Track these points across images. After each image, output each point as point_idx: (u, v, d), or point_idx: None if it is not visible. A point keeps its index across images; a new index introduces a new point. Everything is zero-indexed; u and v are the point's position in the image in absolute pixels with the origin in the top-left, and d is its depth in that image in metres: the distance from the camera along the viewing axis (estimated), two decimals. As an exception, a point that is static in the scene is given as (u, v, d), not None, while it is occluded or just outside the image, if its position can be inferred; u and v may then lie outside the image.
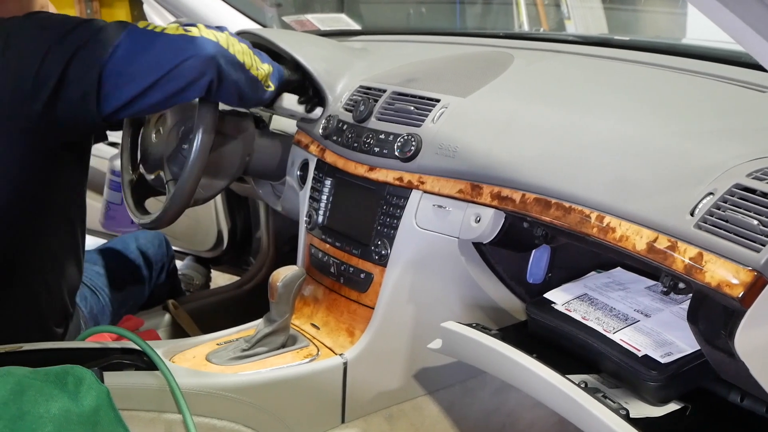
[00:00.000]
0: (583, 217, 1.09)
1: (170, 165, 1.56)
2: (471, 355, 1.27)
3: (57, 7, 1.54)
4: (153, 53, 1.30)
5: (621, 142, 1.12)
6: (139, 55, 1.30)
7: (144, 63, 1.30)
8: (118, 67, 1.29)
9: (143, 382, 1.21)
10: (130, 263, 1.96)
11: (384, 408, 1.45)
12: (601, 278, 1.33)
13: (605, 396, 1.07)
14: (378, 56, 1.73)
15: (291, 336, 1.43)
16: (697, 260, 0.94)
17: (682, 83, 1.31)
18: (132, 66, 1.29)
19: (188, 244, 2.52)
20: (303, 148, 1.63)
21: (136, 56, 1.29)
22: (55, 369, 1.07)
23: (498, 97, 1.34)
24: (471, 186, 1.26)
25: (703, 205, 0.96)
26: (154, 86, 1.30)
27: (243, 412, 1.29)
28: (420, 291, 1.37)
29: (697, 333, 1.01)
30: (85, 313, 1.69)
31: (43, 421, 1.00)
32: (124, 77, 1.29)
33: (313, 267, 1.55)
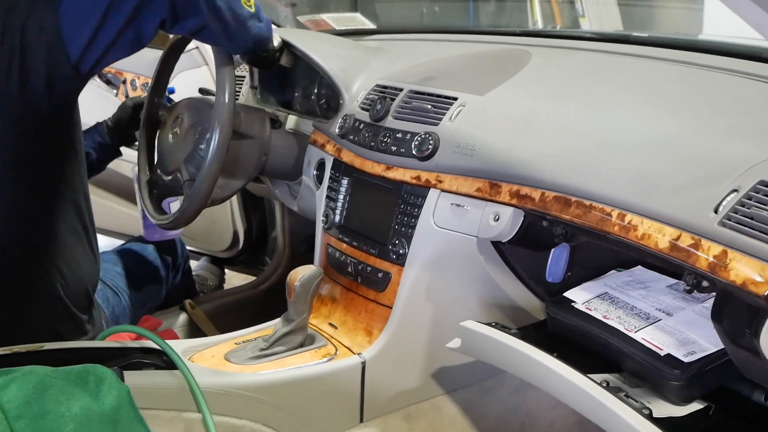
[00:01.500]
0: (604, 216, 1.08)
1: (187, 165, 1.56)
2: (491, 354, 1.27)
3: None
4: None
5: (643, 139, 1.11)
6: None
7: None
8: (71, 7, 1.25)
9: (163, 382, 1.22)
10: (149, 264, 1.97)
11: (402, 407, 1.45)
12: (622, 277, 1.32)
13: (627, 395, 1.06)
14: (394, 55, 1.72)
15: (309, 335, 1.43)
16: (721, 258, 0.93)
17: (703, 80, 1.29)
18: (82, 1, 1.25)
19: (204, 244, 2.53)
20: (319, 147, 1.63)
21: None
22: (76, 368, 1.08)
23: (516, 94, 1.33)
24: (489, 184, 1.25)
25: (728, 202, 0.95)
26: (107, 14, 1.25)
27: (262, 412, 1.29)
28: (438, 290, 1.37)
29: (721, 332, 1.00)
30: (107, 314, 1.70)
31: (65, 419, 1.00)
32: (77, 16, 1.25)
33: (330, 266, 1.55)
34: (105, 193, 2.55)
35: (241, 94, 1.93)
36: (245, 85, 1.93)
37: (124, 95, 2.41)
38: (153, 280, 1.97)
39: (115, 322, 1.73)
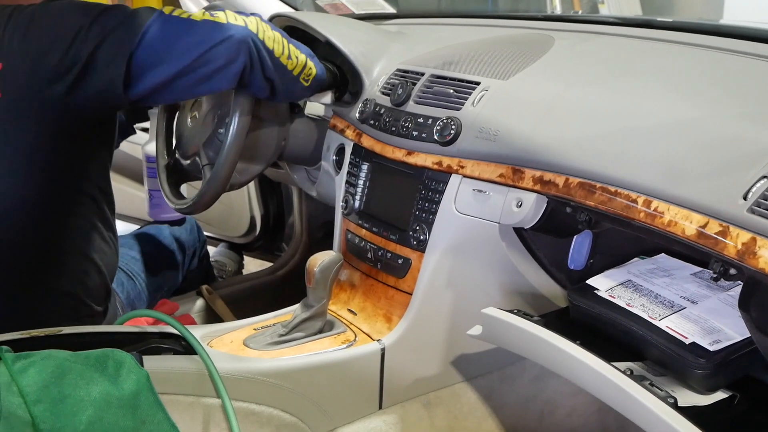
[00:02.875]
0: (629, 202, 1.07)
1: (206, 149, 1.56)
2: (512, 341, 1.26)
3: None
4: (182, 39, 1.29)
5: (670, 125, 1.09)
6: (168, 40, 1.29)
7: (172, 49, 1.29)
8: (147, 52, 1.28)
9: (182, 367, 1.21)
10: (165, 248, 1.97)
11: (421, 394, 1.44)
12: (645, 264, 1.31)
13: (652, 384, 1.05)
14: (414, 39, 1.70)
15: (328, 321, 1.42)
16: (749, 245, 0.91)
17: (730, 64, 1.27)
18: (160, 52, 1.29)
19: (221, 230, 2.53)
20: (339, 132, 1.62)
21: (165, 42, 1.28)
22: (95, 352, 1.08)
23: (540, 79, 1.31)
24: (512, 170, 1.24)
25: (757, 188, 0.93)
26: (182, 73, 1.30)
27: (281, 398, 1.29)
28: (459, 277, 1.36)
29: (748, 320, 0.99)
30: (122, 298, 1.70)
31: (84, 404, 1.00)
32: (152, 63, 1.29)
33: (349, 252, 1.54)
34: (121, 178, 2.55)
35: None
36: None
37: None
38: (169, 265, 1.97)
39: (130, 307, 1.74)
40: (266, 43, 1.35)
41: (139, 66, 1.28)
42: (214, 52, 1.29)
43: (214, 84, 1.34)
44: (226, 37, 1.29)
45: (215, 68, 1.31)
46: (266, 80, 1.38)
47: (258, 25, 1.35)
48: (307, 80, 1.47)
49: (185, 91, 1.35)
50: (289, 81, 1.43)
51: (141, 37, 1.27)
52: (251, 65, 1.34)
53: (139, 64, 1.28)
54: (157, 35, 1.28)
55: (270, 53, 1.36)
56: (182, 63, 1.29)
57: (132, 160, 2.30)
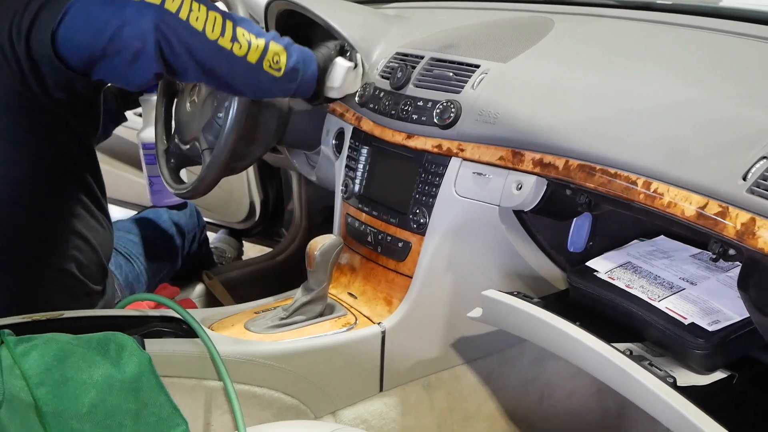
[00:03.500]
0: (629, 184, 1.07)
1: (205, 134, 1.55)
2: (513, 323, 1.26)
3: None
4: (96, 20, 1.23)
5: (669, 106, 1.09)
6: (84, 20, 1.24)
7: (87, 30, 1.24)
8: (67, 31, 1.24)
9: (184, 350, 1.22)
10: (163, 232, 1.97)
11: (422, 377, 1.45)
12: (645, 246, 1.31)
13: (651, 364, 1.05)
14: (414, 23, 1.70)
15: (329, 305, 1.42)
16: (749, 226, 0.92)
17: (730, 46, 1.27)
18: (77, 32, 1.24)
19: (221, 215, 2.53)
20: (338, 116, 1.61)
21: (81, 22, 1.24)
22: (97, 336, 1.08)
23: (540, 62, 1.31)
24: (512, 153, 1.24)
25: (756, 169, 0.93)
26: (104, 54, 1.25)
27: (282, 380, 1.30)
28: (459, 260, 1.36)
29: (747, 300, 0.99)
30: (120, 280, 1.70)
31: (86, 387, 1.01)
32: (74, 42, 1.25)
33: (349, 236, 1.55)
34: (120, 164, 2.55)
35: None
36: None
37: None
38: (167, 248, 1.97)
39: (129, 289, 1.74)
40: (190, 22, 1.24)
41: (64, 44, 1.25)
42: (122, 35, 1.22)
43: (145, 66, 1.25)
44: (128, 20, 1.22)
45: (134, 50, 1.23)
46: (198, 65, 1.27)
47: (183, 3, 1.24)
48: (278, 69, 1.34)
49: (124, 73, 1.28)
50: (244, 69, 1.31)
51: (62, 15, 1.23)
52: (170, 47, 1.24)
53: (63, 42, 1.25)
54: (77, 12, 1.23)
55: (196, 34, 1.25)
56: (97, 45, 1.24)
57: (129, 145, 2.30)
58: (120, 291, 1.69)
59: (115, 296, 1.65)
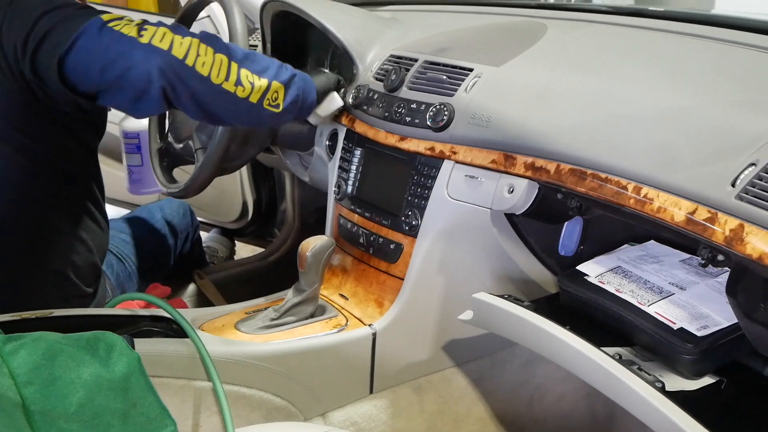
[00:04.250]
0: (619, 188, 1.08)
1: (199, 133, 1.56)
2: (503, 326, 1.26)
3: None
4: (104, 56, 1.24)
5: (659, 112, 1.09)
6: (93, 54, 1.25)
7: (95, 64, 1.24)
8: (75, 60, 1.25)
9: (173, 350, 1.22)
10: (156, 231, 1.97)
11: (412, 379, 1.45)
12: (635, 251, 1.32)
13: (640, 368, 1.06)
14: (408, 25, 1.70)
15: (320, 306, 1.42)
16: (737, 232, 0.92)
17: (720, 53, 1.28)
18: (85, 63, 1.25)
19: (213, 215, 2.52)
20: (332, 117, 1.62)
21: (90, 54, 1.25)
22: (86, 335, 1.08)
23: (532, 66, 1.31)
24: (504, 156, 1.24)
25: (745, 176, 0.94)
26: (109, 89, 1.26)
27: (272, 381, 1.30)
28: (450, 262, 1.36)
29: (735, 306, 1.00)
30: (111, 279, 1.70)
31: (75, 386, 1.00)
32: (80, 71, 1.26)
33: (341, 237, 1.55)
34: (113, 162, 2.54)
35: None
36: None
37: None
38: (160, 248, 1.97)
39: (120, 289, 1.74)
40: (196, 68, 1.25)
41: (71, 70, 1.26)
42: (129, 76, 1.24)
43: (148, 105, 1.27)
44: (135, 63, 1.23)
45: (139, 91, 1.25)
46: (200, 107, 1.29)
47: (190, 49, 1.25)
48: (276, 106, 1.35)
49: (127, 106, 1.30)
50: (246, 109, 1.32)
51: (72, 42, 1.24)
52: (174, 92, 1.25)
53: (70, 71, 1.26)
54: (85, 46, 1.24)
55: (201, 80, 1.26)
56: (104, 80, 1.25)
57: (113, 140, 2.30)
58: (111, 291, 1.69)
59: (106, 296, 1.64)
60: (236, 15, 1.48)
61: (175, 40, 1.24)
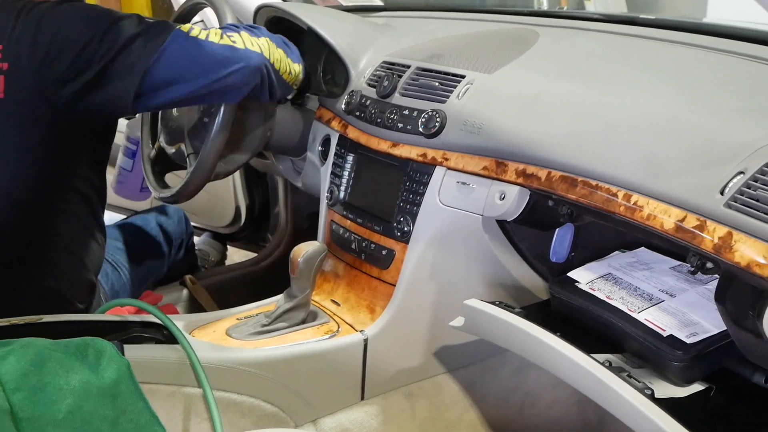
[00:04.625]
0: (610, 196, 1.08)
1: (191, 138, 1.55)
2: (494, 333, 1.27)
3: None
4: (199, 63, 1.30)
5: (650, 120, 1.10)
6: (185, 62, 1.29)
7: (188, 72, 1.30)
8: (163, 71, 1.28)
9: (163, 356, 1.21)
10: (150, 239, 1.96)
11: (404, 385, 1.45)
12: (625, 258, 1.32)
13: (630, 375, 1.06)
14: (401, 32, 1.71)
15: (311, 312, 1.42)
16: (726, 240, 0.92)
17: (710, 62, 1.28)
18: (176, 73, 1.29)
19: (206, 219, 2.52)
20: (325, 123, 1.62)
21: (182, 64, 1.29)
22: (75, 341, 1.07)
23: (524, 73, 1.32)
24: (496, 163, 1.25)
25: (734, 184, 0.94)
26: (196, 93, 1.32)
27: (263, 387, 1.29)
28: (442, 268, 1.37)
29: (724, 313, 1.00)
30: (106, 289, 1.69)
31: (63, 392, 1.00)
32: (167, 82, 1.29)
33: (333, 243, 1.55)
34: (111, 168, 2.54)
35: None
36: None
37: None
38: (154, 255, 1.96)
39: (114, 297, 1.73)
40: (274, 65, 1.41)
41: (153, 83, 1.28)
42: (230, 78, 1.33)
43: (221, 100, 1.40)
44: (243, 66, 1.34)
45: (227, 89, 1.35)
46: (270, 95, 1.44)
47: (269, 48, 1.40)
48: (297, 85, 1.54)
49: (191, 102, 1.40)
50: (284, 89, 1.50)
51: (159, 55, 1.27)
52: (261, 86, 1.40)
53: (153, 82, 1.28)
54: (175, 56, 1.28)
55: (276, 73, 1.42)
56: (197, 85, 1.31)
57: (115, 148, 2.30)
58: (105, 300, 1.68)
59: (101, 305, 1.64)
60: (229, 20, 1.48)
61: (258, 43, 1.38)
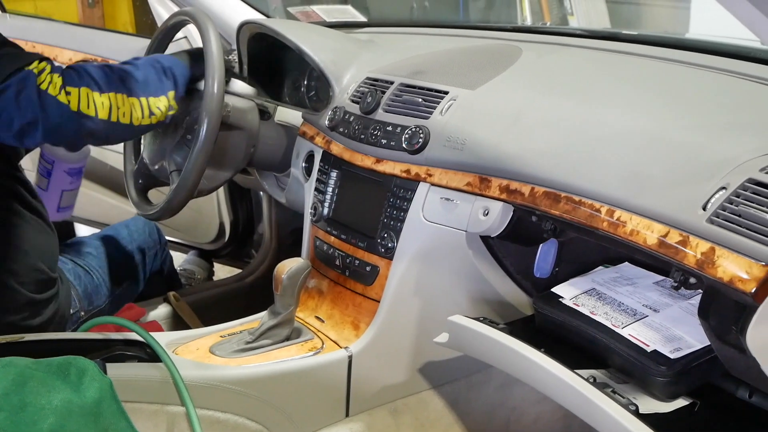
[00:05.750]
0: (593, 211, 1.08)
1: (174, 155, 1.55)
2: (478, 349, 1.26)
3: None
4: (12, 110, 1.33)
5: (632, 136, 1.10)
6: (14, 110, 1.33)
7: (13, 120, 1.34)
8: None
9: (146, 374, 1.21)
10: (122, 248, 1.97)
11: (389, 402, 1.44)
12: (609, 273, 1.32)
13: (614, 391, 1.06)
14: (385, 48, 1.71)
15: (295, 329, 1.42)
16: (709, 255, 0.93)
17: (692, 77, 1.30)
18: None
19: (190, 236, 2.51)
20: (308, 139, 1.62)
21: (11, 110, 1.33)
22: (57, 360, 1.07)
23: (507, 89, 1.33)
24: (479, 179, 1.25)
25: (716, 199, 0.95)
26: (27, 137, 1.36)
27: (246, 405, 1.28)
28: (426, 284, 1.36)
29: (707, 328, 1.00)
30: (79, 291, 1.70)
31: (45, 412, 0.99)
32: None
33: (318, 259, 1.54)
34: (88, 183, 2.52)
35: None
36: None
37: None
38: (128, 264, 1.96)
39: (87, 299, 1.73)
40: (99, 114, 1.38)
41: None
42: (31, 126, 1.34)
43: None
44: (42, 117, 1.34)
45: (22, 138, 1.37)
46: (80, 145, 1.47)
47: (113, 104, 1.39)
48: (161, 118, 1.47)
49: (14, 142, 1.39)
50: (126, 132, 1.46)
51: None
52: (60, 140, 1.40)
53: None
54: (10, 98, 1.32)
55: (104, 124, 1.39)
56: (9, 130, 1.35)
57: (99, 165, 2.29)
58: (78, 301, 1.69)
59: (72, 306, 1.64)
60: (212, 36, 1.48)
61: (100, 101, 1.37)
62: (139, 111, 1.42)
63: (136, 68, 1.45)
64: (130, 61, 1.48)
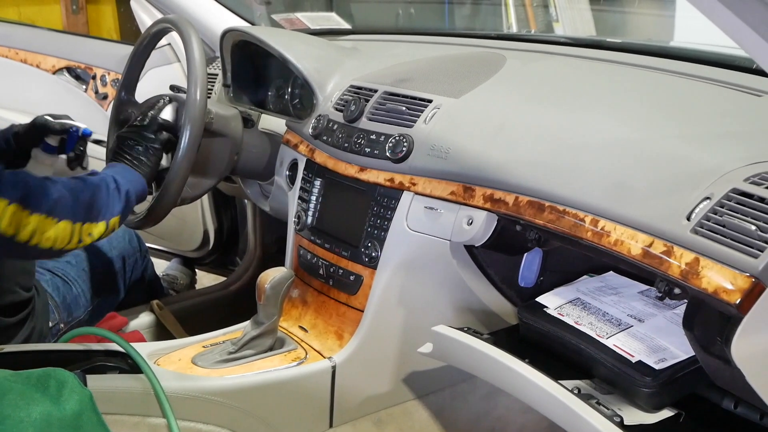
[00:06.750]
0: (577, 221, 1.08)
1: (156, 163, 1.53)
2: (462, 359, 1.26)
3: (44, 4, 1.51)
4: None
5: (616, 145, 1.10)
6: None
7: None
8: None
9: (127, 386, 1.19)
10: (102, 256, 1.94)
11: (373, 412, 1.44)
12: (594, 282, 1.32)
13: (599, 402, 1.05)
14: (369, 56, 1.71)
15: (279, 339, 1.41)
16: (693, 266, 0.93)
17: (677, 86, 1.30)
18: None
19: (174, 243, 2.49)
20: (292, 147, 1.61)
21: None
22: (36, 372, 1.05)
23: (491, 98, 1.32)
24: (463, 188, 1.24)
25: (700, 209, 0.95)
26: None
27: (229, 416, 1.27)
28: (410, 294, 1.36)
29: (692, 339, 1.00)
30: (58, 302, 1.67)
31: (24, 425, 0.98)
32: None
33: (301, 268, 1.53)
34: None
35: (214, 92, 1.91)
36: (218, 83, 1.90)
37: (93, 91, 2.37)
38: (107, 272, 1.93)
39: (66, 311, 1.71)
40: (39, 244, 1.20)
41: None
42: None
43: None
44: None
45: None
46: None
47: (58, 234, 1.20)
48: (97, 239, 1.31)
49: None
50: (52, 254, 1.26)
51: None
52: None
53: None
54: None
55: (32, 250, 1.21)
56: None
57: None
58: (57, 313, 1.66)
59: (51, 318, 1.62)
60: (195, 44, 1.47)
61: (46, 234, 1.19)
62: (67, 237, 1.22)
63: (84, 187, 1.27)
64: (82, 177, 1.31)
